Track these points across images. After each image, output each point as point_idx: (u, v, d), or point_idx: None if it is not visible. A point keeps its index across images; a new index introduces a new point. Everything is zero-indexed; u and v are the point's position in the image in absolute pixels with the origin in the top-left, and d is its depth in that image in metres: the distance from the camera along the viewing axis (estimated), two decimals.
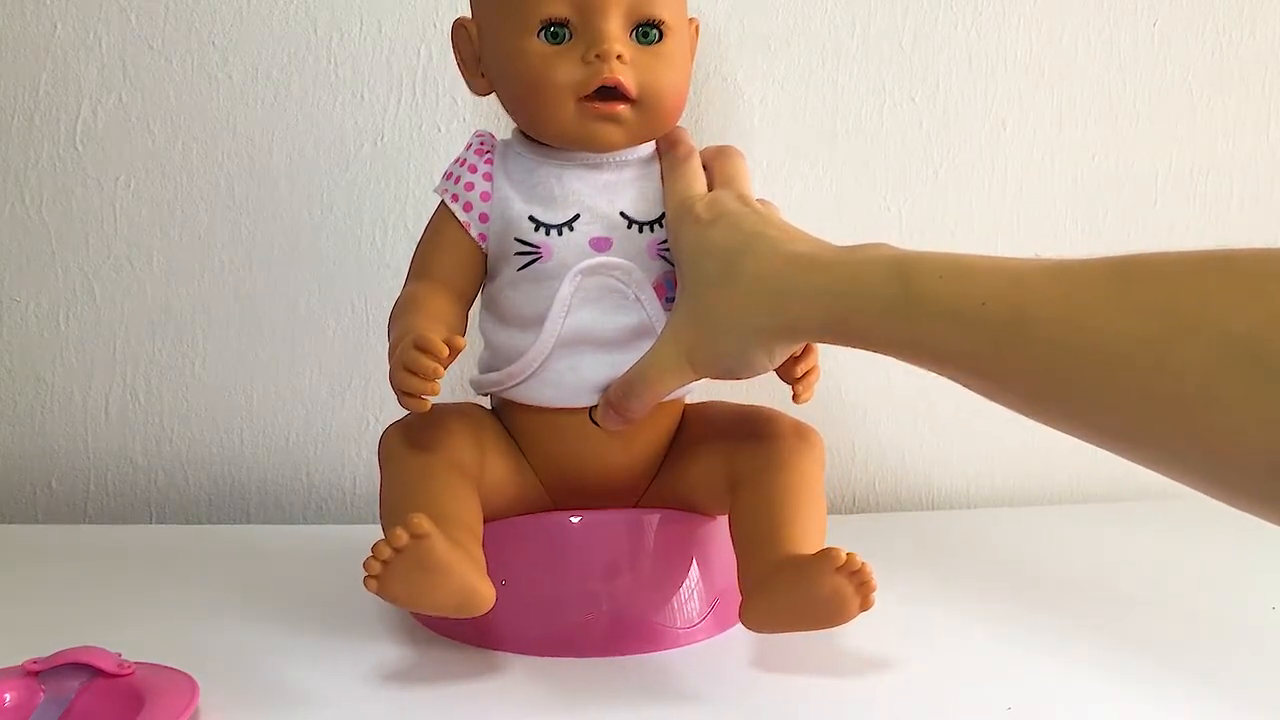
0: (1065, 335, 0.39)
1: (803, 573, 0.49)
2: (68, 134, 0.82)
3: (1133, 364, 0.36)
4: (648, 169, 0.58)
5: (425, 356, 0.48)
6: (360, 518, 0.85)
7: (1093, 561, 0.72)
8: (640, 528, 0.58)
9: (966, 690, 0.52)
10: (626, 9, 0.54)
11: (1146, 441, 0.37)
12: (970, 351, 0.42)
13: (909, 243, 0.47)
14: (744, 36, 0.84)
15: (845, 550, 0.47)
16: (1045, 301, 0.40)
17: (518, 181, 0.57)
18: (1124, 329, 0.37)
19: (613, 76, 0.53)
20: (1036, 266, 0.41)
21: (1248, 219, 0.89)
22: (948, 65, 0.85)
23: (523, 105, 0.56)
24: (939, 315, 0.43)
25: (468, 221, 0.57)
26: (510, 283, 0.56)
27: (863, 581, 0.47)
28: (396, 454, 0.55)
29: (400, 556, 0.45)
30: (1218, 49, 0.88)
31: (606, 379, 0.55)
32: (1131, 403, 0.37)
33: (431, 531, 0.46)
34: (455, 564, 0.47)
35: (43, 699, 0.47)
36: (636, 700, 0.51)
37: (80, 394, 0.84)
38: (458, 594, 0.47)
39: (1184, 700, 0.51)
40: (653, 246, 0.56)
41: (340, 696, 0.51)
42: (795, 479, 0.55)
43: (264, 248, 0.83)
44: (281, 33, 0.82)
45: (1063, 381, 0.39)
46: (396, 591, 0.47)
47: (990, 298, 0.41)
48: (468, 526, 0.51)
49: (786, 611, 0.50)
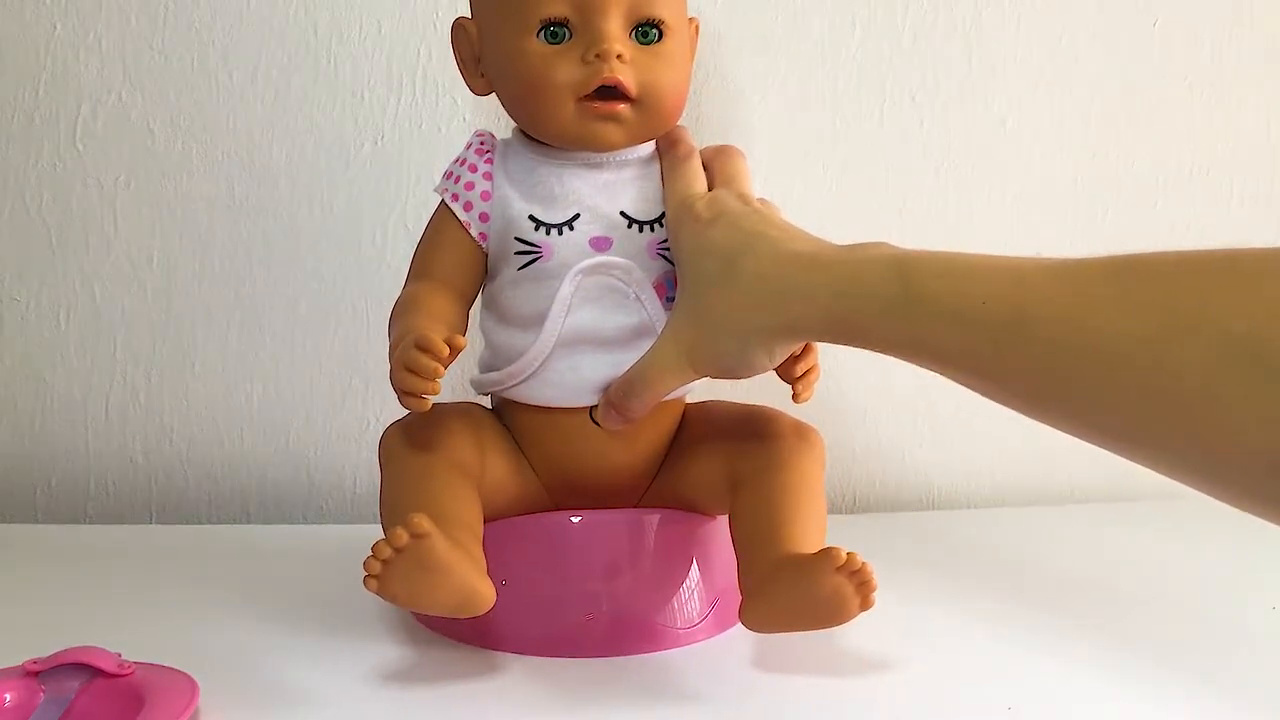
0: (1066, 334, 0.38)
1: (803, 572, 0.49)
2: (68, 134, 0.82)
3: (1133, 363, 0.36)
4: (648, 168, 0.58)
5: (426, 356, 0.48)
6: (361, 517, 0.85)
7: (1093, 561, 0.72)
8: (640, 528, 0.58)
9: (966, 690, 0.52)
10: (626, 9, 0.54)
11: (1146, 441, 0.37)
12: (970, 350, 0.42)
13: (909, 243, 0.47)
14: (744, 36, 0.84)
15: (845, 550, 0.47)
16: (1046, 301, 0.39)
17: (518, 180, 0.57)
18: (1124, 328, 0.37)
19: (613, 76, 0.53)
20: (1037, 266, 0.41)
21: (1248, 219, 0.89)
22: (948, 65, 0.85)
23: (523, 105, 0.56)
24: (939, 314, 0.43)
25: (468, 221, 0.57)
26: (511, 282, 0.56)
27: (863, 581, 0.47)
28: (397, 454, 0.55)
29: (400, 556, 0.45)
30: (1218, 49, 0.88)
31: (607, 378, 0.55)
32: (1131, 402, 0.37)
33: (432, 531, 0.45)
34: (455, 564, 0.47)
35: (43, 699, 0.47)
36: (636, 700, 0.51)
37: (80, 394, 0.84)
38: (458, 594, 0.47)
39: (1184, 700, 0.51)
40: (653, 246, 0.56)
41: (340, 696, 0.51)
42: (795, 479, 0.55)
43: (264, 248, 0.83)
44: (281, 33, 0.82)
45: (1063, 381, 0.39)
46: (396, 591, 0.46)
47: (991, 297, 0.41)
48: (468, 526, 0.51)
49: (787, 611, 0.50)
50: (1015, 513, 0.87)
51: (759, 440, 0.57)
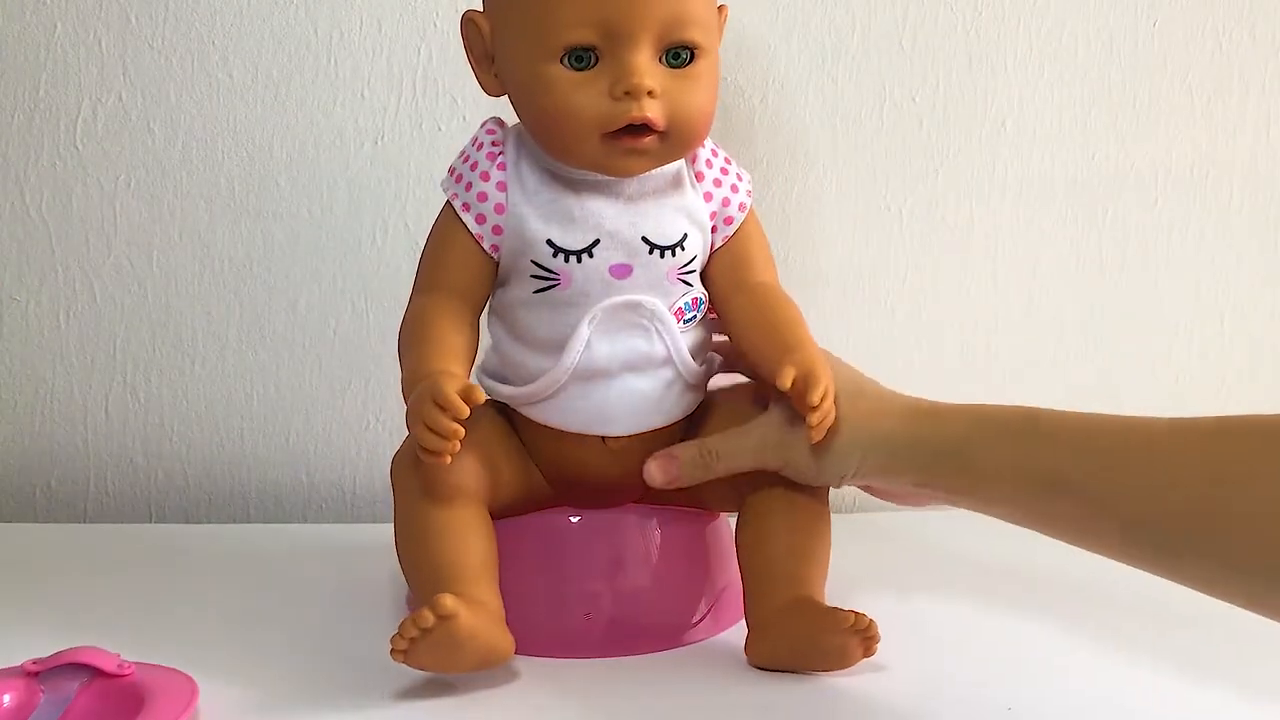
0: None
1: (812, 624, 0.51)
2: (68, 133, 0.82)
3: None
4: (674, 184, 0.56)
5: (445, 416, 0.48)
6: (360, 517, 0.85)
7: (1093, 562, 0.72)
8: (640, 527, 0.58)
9: (966, 690, 0.52)
10: (657, 34, 0.51)
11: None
12: (1088, 471, 0.45)
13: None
14: (744, 36, 0.84)
15: (854, 612, 0.50)
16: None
17: (533, 196, 0.54)
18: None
19: (642, 115, 0.50)
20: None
21: (1248, 219, 0.89)
22: (948, 65, 0.85)
23: (542, 131, 0.53)
24: (1063, 442, 0.46)
25: (480, 234, 0.55)
26: (524, 303, 0.55)
27: (868, 637, 0.50)
28: (410, 491, 0.54)
29: (427, 635, 0.47)
30: (1218, 49, 0.88)
31: (620, 408, 0.55)
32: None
33: (456, 610, 0.47)
34: (479, 633, 0.49)
35: (42, 699, 0.47)
36: (636, 700, 0.51)
37: (80, 394, 0.84)
38: (482, 657, 0.50)
39: (1184, 700, 0.51)
40: (673, 272, 0.55)
41: (340, 696, 0.51)
42: (804, 496, 0.56)
43: (264, 248, 0.83)
44: (281, 33, 0.82)
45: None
46: (424, 662, 0.49)
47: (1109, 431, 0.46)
48: (487, 575, 0.53)
49: (791, 654, 0.53)
50: None
51: None
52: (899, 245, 0.85)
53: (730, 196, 0.57)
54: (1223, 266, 0.89)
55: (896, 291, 0.86)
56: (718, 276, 0.57)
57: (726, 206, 0.57)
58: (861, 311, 0.86)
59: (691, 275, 0.56)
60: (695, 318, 0.57)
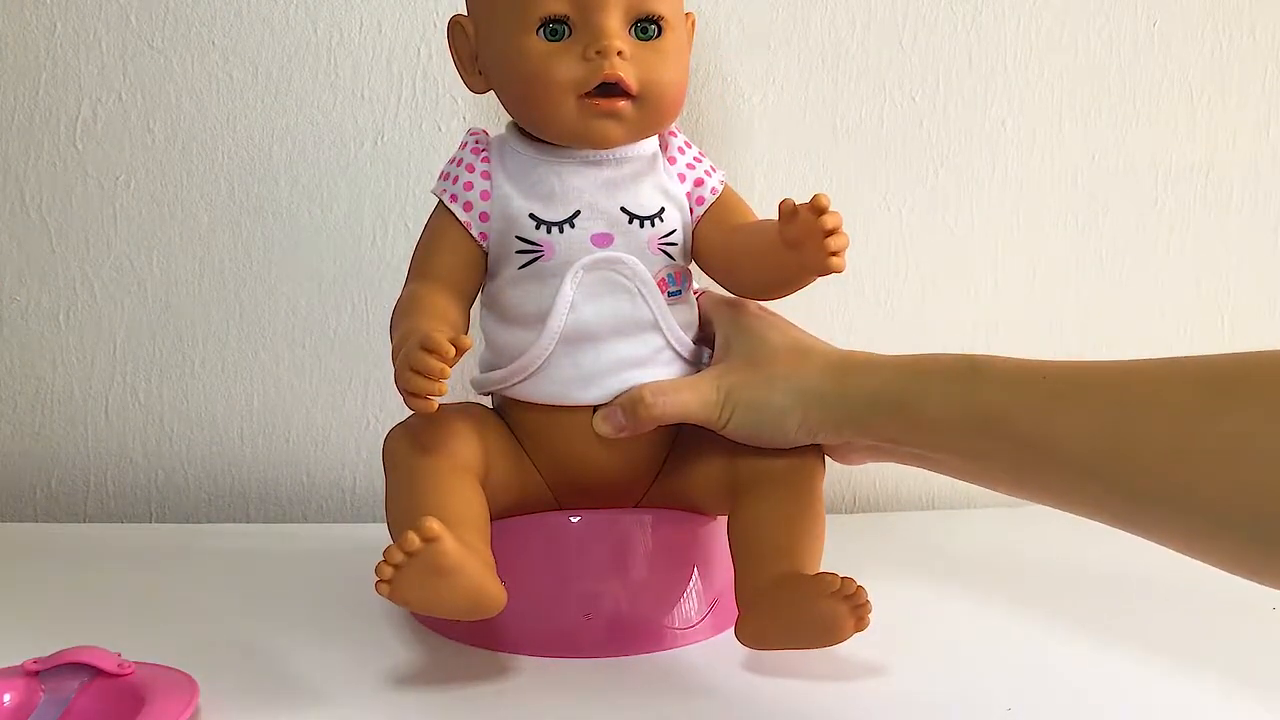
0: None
1: (799, 593, 0.50)
2: (68, 133, 0.82)
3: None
4: (649, 166, 0.57)
5: (431, 357, 0.47)
6: (360, 517, 0.85)
7: (1093, 561, 0.72)
8: (640, 528, 0.58)
9: (966, 690, 0.52)
10: (626, 5, 0.54)
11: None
12: (1029, 408, 0.44)
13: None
14: (744, 36, 0.84)
15: (840, 575, 0.48)
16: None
17: (517, 178, 0.56)
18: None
19: (614, 73, 0.53)
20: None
21: (1248, 219, 0.89)
22: (948, 65, 0.85)
23: (523, 104, 0.56)
24: (1003, 382, 0.46)
25: (468, 221, 0.56)
26: (511, 281, 0.56)
27: (858, 604, 0.49)
28: (401, 456, 0.55)
29: (412, 560, 0.45)
30: (1218, 49, 0.88)
31: (609, 375, 0.55)
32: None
33: (443, 534, 0.45)
34: (467, 566, 0.46)
35: (43, 699, 0.47)
36: (636, 700, 0.51)
37: (80, 394, 0.84)
38: (470, 596, 0.47)
39: (1184, 700, 0.51)
40: (654, 241, 0.56)
41: (340, 696, 0.51)
42: (796, 492, 0.56)
43: (264, 248, 0.83)
44: (281, 33, 0.82)
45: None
46: (409, 595, 0.46)
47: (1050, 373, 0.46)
48: (477, 527, 0.51)
49: (781, 629, 0.51)
50: (1015, 513, 0.87)
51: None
52: (899, 245, 0.85)
53: (704, 178, 0.59)
54: (1223, 266, 0.89)
55: (896, 291, 0.86)
56: (709, 233, 0.58)
57: (700, 187, 0.59)
58: (861, 311, 0.86)
59: (673, 249, 0.57)
60: (679, 293, 0.57)
